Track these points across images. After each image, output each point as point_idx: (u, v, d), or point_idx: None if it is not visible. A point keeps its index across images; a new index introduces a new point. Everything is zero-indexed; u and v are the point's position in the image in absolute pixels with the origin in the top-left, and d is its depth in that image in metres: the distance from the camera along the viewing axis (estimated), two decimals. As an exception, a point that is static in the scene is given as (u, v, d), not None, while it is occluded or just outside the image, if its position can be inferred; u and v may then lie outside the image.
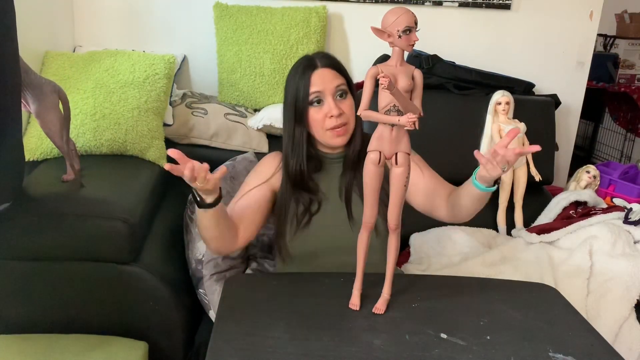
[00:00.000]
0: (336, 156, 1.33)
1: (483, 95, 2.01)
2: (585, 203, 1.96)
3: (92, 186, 1.43)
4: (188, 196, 1.61)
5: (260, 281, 1.25)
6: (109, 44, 2.08)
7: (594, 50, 2.41)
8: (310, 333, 0.94)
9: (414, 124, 0.87)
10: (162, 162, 1.71)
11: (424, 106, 0.94)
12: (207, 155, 1.90)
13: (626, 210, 1.79)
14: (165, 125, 1.84)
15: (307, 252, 1.27)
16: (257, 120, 1.97)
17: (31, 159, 1.58)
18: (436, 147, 1.74)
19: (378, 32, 0.89)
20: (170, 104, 1.91)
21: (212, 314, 1.45)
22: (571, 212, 1.90)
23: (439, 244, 1.82)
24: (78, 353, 1.26)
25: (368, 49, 2.03)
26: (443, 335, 0.95)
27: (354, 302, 1.02)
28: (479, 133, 1.95)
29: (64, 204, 1.33)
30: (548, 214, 1.96)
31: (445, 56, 2.10)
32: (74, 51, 2.08)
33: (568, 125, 2.39)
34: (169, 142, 1.86)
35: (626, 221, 1.74)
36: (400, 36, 0.88)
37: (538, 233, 1.81)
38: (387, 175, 0.97)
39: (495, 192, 1.14)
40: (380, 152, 0.94)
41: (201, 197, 1.07)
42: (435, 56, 2.07)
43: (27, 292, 1.31)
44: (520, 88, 2.12)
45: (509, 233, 1.94)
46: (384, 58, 1.99)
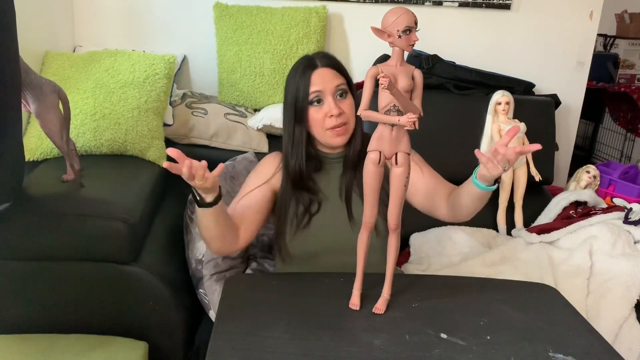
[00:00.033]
0: (336, 156, 1.33)
1: (483, 95, 2.01)
2: (585, 203, 1.96)
3: (92, 186, 1.43)
4: (188, 196, 1.61)
5: (260, 281, 1.25)
6: (109, 44, 2.08)
7: (594, 50, 2.41)
8: (310, 333, 0.94)
9: (414, 124, 0.87)
10: (162, 162, 1.70)
11: (424, 106, 0.94)
12: (207, 155, 1.90)
13: (626, 210, 1.79)
14: (165, 125, 1.84)
15: (307, 252, 1.27)
16: (257, 120, 1.97)
17: (31, 159, 1.58)
18: (436, 147, 1.74)
19: (378, 32, 0.89)
20: (170, 104, 1.91)
21: (212, 314, 1.45)
22: (571, 212, 1.90)
23: (439, 244, 1.82)
24: (78, 353, 1.26)
25: (368, 49, 2.04)
26: (443, 335, 0.95)
27: (354, 302, 1.02)
28: (479, 133, 1.95)
29: (64, 204, 1.33)
30: (548, 214, 1.96)
31: (445, 56, 2.10)
32: (74, 51, 2.08)
33: (568, 125, 2.39)
34: (169, 142, 1.86)
35: (626, 221, 1.74)
36: (400, 36, 0.88)
37: (538, 233, 1.81)
38: (387, 175, 0.97)
39: (495, 192, 1.14)
40: (380, 152, 0.94)
41: (201, 196, 1.07)
42: (435, 56, 2.07)
43: (27, 292, 1.31)
44: (520, 88, 2.12)
45: (509, 233, 1.94)
46: (384, 58, 1.99)
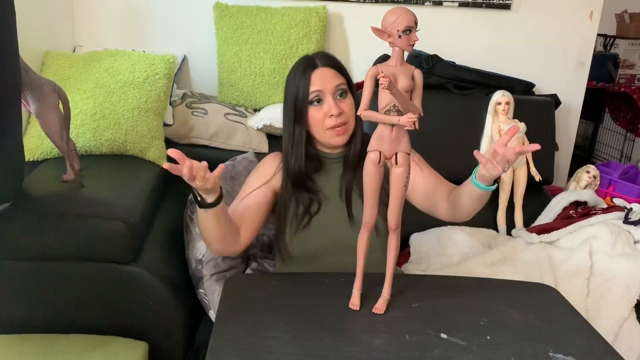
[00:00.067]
0: (336, 156, 1.33)
1: (483, 95, 2.01)
2: (585, 203, 1.96)
3: (92, 186, 1.43)
4: (188, 196, 1.61)
5: (260, 281, 1.25)
6: (109, 44, 2.08)
7: (594, 50, 2.41)
8: (310, 333, 0.94)
9: (414, 124, 0.87)
10: (162, 162, 1.70)
11: (424, 106, 0.94)
12: (207, 155, 1.91)
13: (626, 210, 1.79)
14: (165, 125, 1.84)
15: (307, 252, 1.27)
16: (257, 120, 1.97)
17: (31, 159, 1.58)
18: (436, 147, 1.74)
19: (378, 32, 0.89)
20: (170, 104, 1.91)
21: (212, 314, 1.45)
22: (571, 212, 1.90)
23: (439, 244, 1.82)
24: (78, 353, 1.26)
25: (368, 49, 2.04)
26: (443, 335, 0.95)
27: (354, 302, 1.02)
28: (479, 133, 1.95)
29: (64, 204, 1.33)
30: (548, 214, 1.96)
31: (445, 56, 2.10)
32: (74, 51, 2.08)
33: (568, 125, 2.39)
34: (169, 142, 1.86)
35: (626, 221, 1.74)
36: (400, 36, 0.88)
37: (538, 233, 1.81)
38: (387, 175, 0.97)
39: (495, 192, 1.14)
40: (380, 152, 0.94)
41: (202, 197, 1.07)
42: (435, 56, 2.07)
43: (27, 292, 1.31)
44: (520, 88, 2.12)
45: (509, 233, 1.94)
46: (384, 58, 1.99)
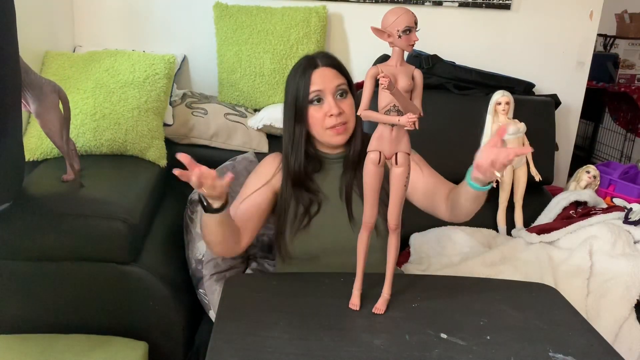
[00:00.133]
0: (336, 156, 1.33)
1: (483, 95, 2.01)
2: (585, 203, 1.96)
3: (92, 186, 1.43)
4: (188, 196, 1.61)
5: (260, 281, 1.25)
6: (109, 44, 2.08)
7: (594, 50, 2.40)
8: (310, 333, 0.94)
9: (414, 124, 0.87)
10: (162, 162, 1.71)
11: (424, 106, 0.94)
12: (207, 155, 1.91)
13: (626, 210, 1.79)
14: (165, 125, 1.84)
15: (308, 252, 1.27)
16: (257, 120, 1.97)
17: (31, 159, 1.58)
18: (436, 147, 1.74)
19: (378, 32, 0.89)
20: (170, 104, 1.90)
21: (212, 314, 1.45)
22: (571, 212, 1.90)
23: (439, 244, 1.81)
24: (78, 353, 1.26)
25: (368, 49, 2.04)
26: (443, 335, 0.95)
27: (354, 302, 1.02)
28: (479, 133, 1.95)
29: (64, 204, 1.33)
30: (548, 214, 1.96)
31: (445, 56, 2.10)
32: (74, 51, 2.08)
33: (568, 125, 2.39)
34: (169, 142, 1.86)
35: (626, 221, 1.74)
36: (400, 36, 0.88)
37: (538, 233, 1.81)
38: (387, 175, 0.97)
39: (495, 192, 1.14)
40: (380, 152, 0.94)
41: (208, 202, 1.07)
42: (435, 56, 2.07)
43: (27, 292, 1.31)
44: (520, 88, 2.12)
45: (509, 233, 1.94)
46: (384, 58, 1.99)
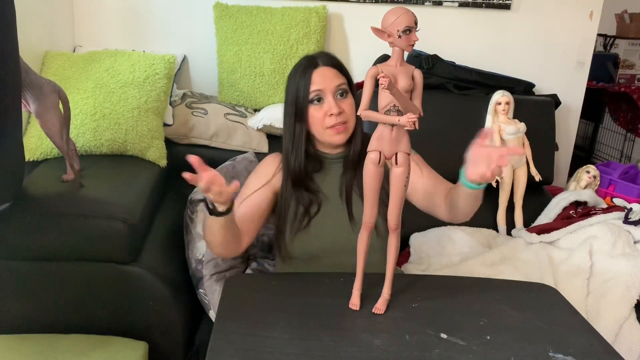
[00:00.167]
0: (336, 156, 1.33)
1: (483, 95, 2.01)
2: (585, 203, 1.96)
3: (92, 186, 1.43)
4: (188, 196, 1.61)
5: (260, 281, 1.25)
6: (109, 44, 2.08)
7: (594, 50, 2.41)
8: (310, 333, 0.94)
9: (414, 124, 0.87)
10: (162, 162, 1.71)
11: (424, 106, 0.94)
12: (207, 155, 1.90)
13: (626, 210, 1.79)
14: (165, 125, 1.84)
15: (308, 252, 1.27)
16: (257, 120, 1.97)
17: (31, 159, 1.58)
18: (436, 147, 1.73)
19: (378, 32, 0.89)
20: (170, 104, 1.90)
21: (212, 314, 1.45)
22: (571, 212, 1.90)
23: (439, 244, 1.81)
24: (78, 353, 1.26)
25: (368, 49, 2.04)
26: (443, 335, 0.95)
27: (354, 302, 1.02)
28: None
29: (64, 204, 1.33)
30: (548, 214, 1.96)
31: (445, 56, 2.10)
32: (74, 51, 2.08)
33: (568, 125, 2.39)
34: (169, 142, 1.86)
35: (626, 221, 1.74)
36: (400, 36, 0.88)
37: (538, 233, 1.81)
38: (387, 175, 0.97)
39: (495, 192, 1.14)
40: (380, 152, 0.94)
41: (213, 205, 1.07)
42: (435, 56, 2.07)
43: (27, 292, 1.31)
44: (520, 88, 2.12)
45: (509, 233, 1.94)
46: (384, 58, 1.99)
